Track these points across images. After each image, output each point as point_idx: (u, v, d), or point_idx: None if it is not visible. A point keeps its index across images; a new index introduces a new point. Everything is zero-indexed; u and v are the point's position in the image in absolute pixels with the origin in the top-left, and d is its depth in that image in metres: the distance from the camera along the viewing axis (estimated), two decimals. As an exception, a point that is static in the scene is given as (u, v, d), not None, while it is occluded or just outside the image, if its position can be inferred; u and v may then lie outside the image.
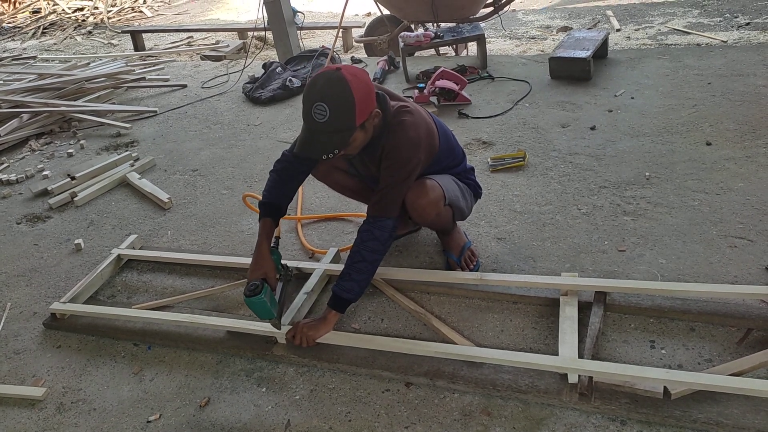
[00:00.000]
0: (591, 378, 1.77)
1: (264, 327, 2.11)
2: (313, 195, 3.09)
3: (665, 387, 1.70)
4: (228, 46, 6.61)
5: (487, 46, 4.62)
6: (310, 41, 6.64)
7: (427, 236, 2.62)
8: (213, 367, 2.12)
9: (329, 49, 4.83)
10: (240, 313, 2.35)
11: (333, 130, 1.83)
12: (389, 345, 2.00)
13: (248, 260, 2.55)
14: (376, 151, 2.05)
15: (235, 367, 2.10)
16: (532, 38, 5.87)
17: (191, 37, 7.60)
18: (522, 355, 1.88)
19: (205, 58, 6.33)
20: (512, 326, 2.10)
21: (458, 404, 1.83)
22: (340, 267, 2.42)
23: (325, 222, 2.86)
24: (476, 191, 2.43)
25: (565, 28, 5.94)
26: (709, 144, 2.99)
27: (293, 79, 4.56)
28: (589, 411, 1.74)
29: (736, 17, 5.53)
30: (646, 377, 1.71)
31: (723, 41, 4.91)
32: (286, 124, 4.09)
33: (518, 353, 1.90)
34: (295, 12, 5.52)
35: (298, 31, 5.48)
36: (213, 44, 6.88)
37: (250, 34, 6.27)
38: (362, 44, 5.82)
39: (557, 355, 1.85)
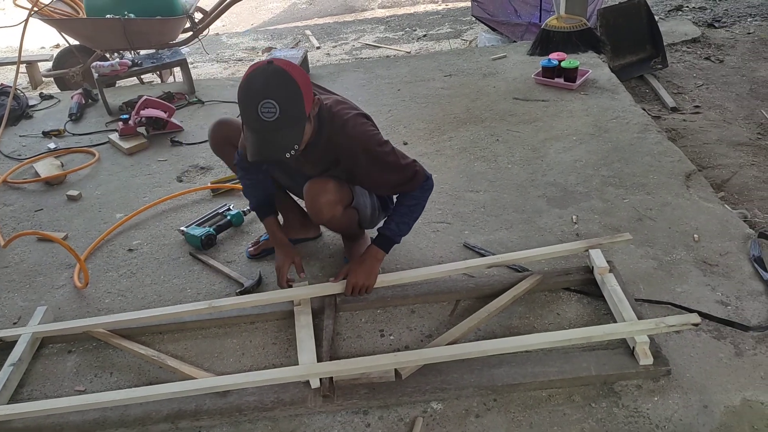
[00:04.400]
0: (331, 378, 1.84)
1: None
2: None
3: (396, 369, 1.84)
4: None
5: (194, 70, 4.55)
6: (-13, 79, 5.79)
7: (153, 272, 2.47)
8: None
9: (10, 87, 4.26)
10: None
11: (287, 126, 1.71)
12: (118, 398, 1.82)
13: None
14: (317, 145, 1.91)
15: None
16: (239, 60, 5.93)
17: None
18: (263, 373, 1.86)
19: None
20: (252, 346, 2.08)
21: (206, 441, 1.75)
22: (50, 327, 2.15)
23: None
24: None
25: (269, 49, 6.12)
26: (405, 143, 3.33)
27: (-32, 124, 3.92)
28: (334, 411, 1.80)
29: (414, 30, 6.28)
30: (378, 364, 1.83)
31: (407, 52, 5.53)
32: (-35, 176, 3.49)
33: (260, 372, 1.89)
34: (-42, 47, 4.76)
35: (-32, 69, 4.74)
36: None
37: None
38: (53, 78, 5.27)
39: (298, 364, 1.88)
